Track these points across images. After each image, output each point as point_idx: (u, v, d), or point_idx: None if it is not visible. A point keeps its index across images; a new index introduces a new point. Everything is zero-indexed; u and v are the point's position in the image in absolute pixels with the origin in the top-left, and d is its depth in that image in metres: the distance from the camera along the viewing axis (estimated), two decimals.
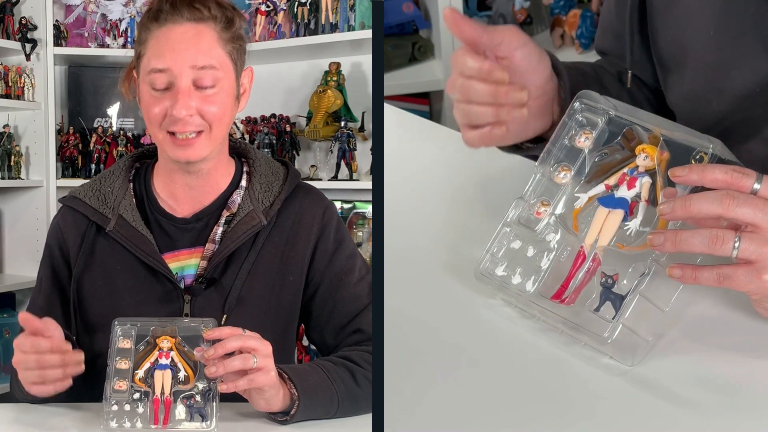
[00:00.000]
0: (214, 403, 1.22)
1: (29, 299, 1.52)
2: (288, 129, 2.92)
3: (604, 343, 1.13)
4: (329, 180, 2.84)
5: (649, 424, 1.06)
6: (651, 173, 1.16)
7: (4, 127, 3.07)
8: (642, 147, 1.17)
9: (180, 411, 1.22)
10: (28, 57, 3.05)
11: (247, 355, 1.21)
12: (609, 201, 1.18)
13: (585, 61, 1.56)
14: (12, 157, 3.04)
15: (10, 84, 3.00)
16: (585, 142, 1.22)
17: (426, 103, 3.41)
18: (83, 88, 3.19)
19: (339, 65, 2.87)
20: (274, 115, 2.97)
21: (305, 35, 2.86)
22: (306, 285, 1.44)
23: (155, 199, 1.45)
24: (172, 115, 1.34)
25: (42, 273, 1.47)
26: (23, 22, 3.02)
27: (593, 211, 1.19)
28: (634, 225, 1.16)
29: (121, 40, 3.12)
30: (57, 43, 3.09)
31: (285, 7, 2.91)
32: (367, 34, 2.74)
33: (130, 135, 3.14)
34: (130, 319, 1.26)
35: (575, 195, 1.21)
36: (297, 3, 2.87)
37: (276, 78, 2.97)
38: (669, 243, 1.09)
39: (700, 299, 1.21)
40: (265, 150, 2.86)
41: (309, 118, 2.89)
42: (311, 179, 2.85)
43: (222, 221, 1.42)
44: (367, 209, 2.83)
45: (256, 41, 2.89)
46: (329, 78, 2.86)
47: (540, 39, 3.38)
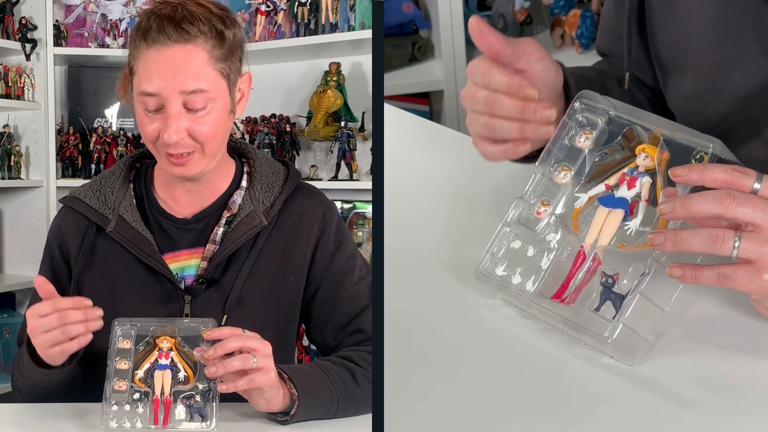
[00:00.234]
0: (214, 403, 1.22)
1: (29, 299, 1.51)
2: (288, 129, 2.92)
3: (604, 343, 1.13)
4: (329, 180, 2.84)
5: (649, 424, 1.06)
6: (651, 173, 1.16)
7: (4, 127, 3.07)
8: (642, 147, 1.18)
9: (180, 411, 1.22)
10: (28, 57, 3.05)
11: (247, 356, 1.21)
12: (609, 201, 1.18)
13: (589, 66, 1.56)
14: (12, 157, 3.04)
15: (10, 84, 3.00)
16: (585, 142, 1.22)
17: (426, 103, 3.41)
18: (83, 88, 3.19)
19: (339, 65, 2.87)
20: (274, 115, 2.97)
21: (305, 35, 2.86)
22: (306, 285, 1.44)
23: (155, 200, 1.45)
24: (163, 139, 1.34)
25: (42, 273, 1.47)
26: (23, 22, 3.02)
27: (593, 211, 1.19)
28: (634, 225, 1.16)
29: (121, 40, 3.12)
30: (57, 43, 3.09)
31: (285, 7, 2.91)
32: (367, 34, 2.74)
33: (130, 135, 3.15)
34: (129, 320, 1.26)
35: (575, 195, 1.21)
36: (297, 3, 2.87)
37: (276, 78, 2.97)
38: (669, 243, 1.09)
39: (700, 299, 1.21)
40: (265, 150, 2.86)
41: (309, 118, 2.89)
42: (311, 179, 2.85)
43: (222, 222, 1.42)
44: (367, 209, 2.83)
45: (256, 41, 2.89)
46: (329, 78, 2.86)
47: (540, 39, 3.37)
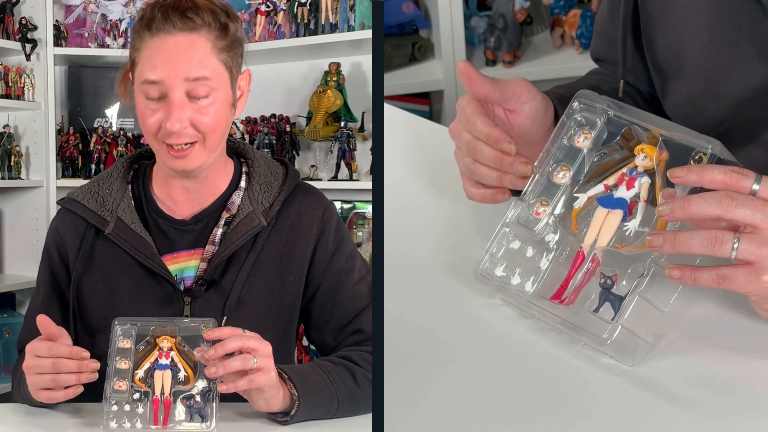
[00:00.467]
0: (214, 404, 1.22)
1: (29, 301, 1.52)
2: (288, 129, 2.92)
3: (603, 344, 1.13)
4: (329, 180, 2.84)
5: (649, 424, 1.06)
6: (650, 173, 1.17)
7: (4, 127, 3.07)
8: (641, 147, 1.18)
9: (180, 411, 1.22)
10: (28, 57, 3.05)
11: (247, 356, 1.21)
12: (608, 201, 1.18)
13: (582, 79, 1.56)
14: (12, 157, 3.04)
15: (10, 84, 3.00)
16: (584, 142, 1.22)
17: (426, 103, 3.41)
18: (83, 88, 3.19)
19: (339, 65, 2.87)
20: (274, 115, 2.98)
21: (305, 35, 2.86)
22: (306, 285, 1.44)
23: (154, 201, 1.44)
24: (165, 128, 1.34)
25: (41, 276, 1.47)
26: (23, 22, 3.02)
27: (592, 212, 1.19)
28: (633, 225, 1.16)
29: (121, 40, 3.12)
30: (57, 43, 3.09)
31: (285, 7, 2.91)
32: (367, 34, 2.74)
33: (130, 135, 3.15)
34: (129, 319, 1.26)
35: (574, 195, 1.21)
36: (297, 3, 2.87)
37: (276, 78, 2.97)
38: (668, 244, 1.09)
39: (699, 300, 1.21)
40: (265, 150, 2.86)
41: (309, 118, 2.89)
42: (311, 179, 2.85)
43: (221, 223, 1.42)
44: (367, 209, 2.83)
45: (256, 41, 2.89)
46: (329, 78, 2.86)
47: (540, 39, 3.38)
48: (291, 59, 2.99)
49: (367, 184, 2.77)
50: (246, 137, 2.96)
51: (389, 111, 1.73)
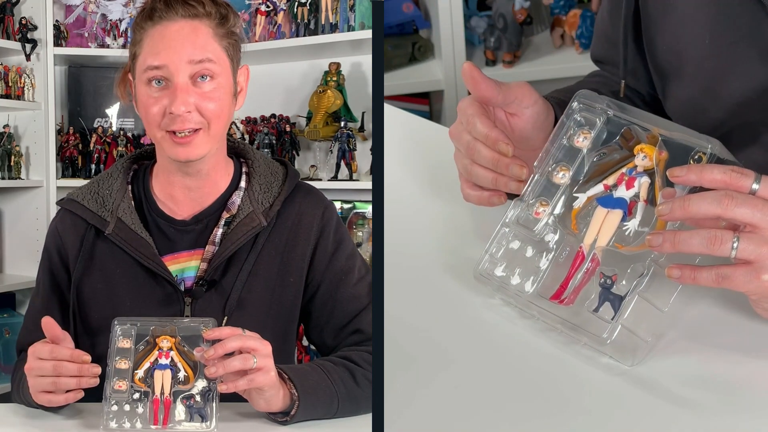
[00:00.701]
0: (213, 403, 1.22)
1: (28, 302, 1.51)
2: (288, 129, 2.92)
3: (603, 344, 1.13)
4: (329, 180, 2.84)
5: (649, 423, 1.06)
6: (649, 173, 1.17)
7: (4, 127, 3.07)
8: (640, 147, 1.18)
9: (180, 411, 1.22)
10: (28, 57, 3.05)
11: (247, 355, 1.21)
12: (608, 201, 1.18)
13: (581, 83, 1.56)
14: (12, 157, 3.04)
15: (10, 84, 3.00)
16: (583, 141, 1.22)
17: (426, 103, 3.41)
18: (83, 88, 3.19)
19: (339, 65, 2.87)
20: (274, 115, 2.97)
21: (305, 35, 2.86)
22: (306, 285, 1.44)
23: (154, 201, 1.44)
24: (170, 113, 1.34)
25: (40, 277, 1.47)
26: (23, 22, 3.02)
27: (592, 211, 1.19)
28: (632, 225, 1.16)
29: (121, 40, 3.12)
30: (57, 43, 3.09)
31: (285, 7, 2.91)
32: (367, 34, 2.73)
33: (130, 135, 3.14)
34: (129, 319, 1.26)
35: (574, 195, 1.21)
36: (297, 3, 2.87)
37: (276, 78, 2.97)
38: (668, 243, 1.09)
39: (699, 299, 1.21)
40: (265, 150, 2.86)
41: (309, 118, 2.89)
42: (311, 179, 2.84)
43: (222, 223, 1.42)
44: (367, 209, 2.82)
45: (256, 41, 2.89)
46: (329, 78, 2.86)
47: (540, 39, 3.38)
48: (291, 59, 2.98)
49: (367, 184, 2.77)
50: (246, 137, 2.96)
51: (389, 111, 1.73)
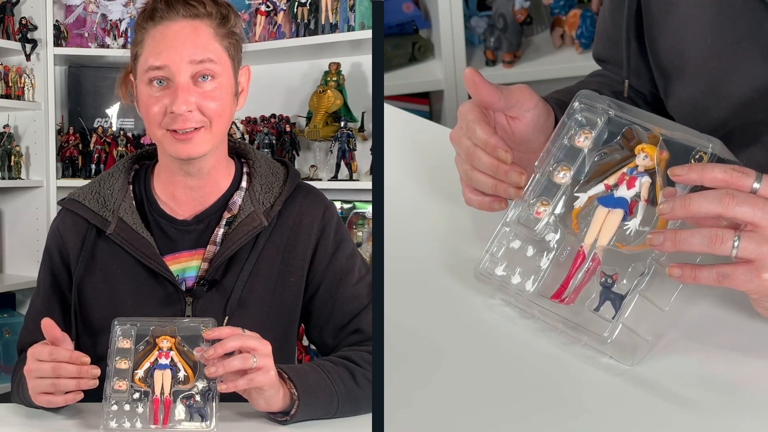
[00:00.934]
0: (213, 403, 1.22)
1: (29, 302, 1.51)
2: (288, 129, 2.92)
3: (603, 343, 1.13)
4: (329, 180, 2.84)
5: (649, 423, 1.06)
6: (650, 173, 1.17)
7: (4, 127, 3.07)
8: (641, 146, 1.18)
9: (180, 411, 1.22)
10: (28, 57, 3.05)
11: (247, 355, 1.21)
12: (608, 200, 1.18)
13: (582, 83, 1.56)
14: (12, 157, 3.04)
15: (10, 84, 3.00)
16: (584, 141, 1.22)
17: (426, 103, 3.41)
18: (83, 88, 3.19)
19: (339, 65, 2.87)
20: (274, 116, 2.97)
21: (305, 35, 2.86)
22: (306, 285, 1.44)
23: (155, 201, 1.44)
24: (171, 112, 1.34)
25: (41, 277, 1.47)
26: (23, 22, 3.02)
27: (593, 211, 1.19)
28: (633, 224, 1.16)
29: (121, 40, 3.12)
30: (57, 44, 3.09)
31: (285, 8, 2.91)
32: (367, 34, 2.73)
33: (130, 135, 3.14)
34: (129, 319, 1.26)
35: (575, 195, 1.21)
36: (297, 3, 2.87)
37: (276, 78, 2.97)
38: (668, 242, 1.09)
39: (699, 299, 1.21)
40: (265, 150, 2.86)
41: (309, 118, 2.89)
42: (311, 179, 2.84)
43: (223, 223, 1.42)
44: (367, 209, 2.82)
45: (256, 41, 2.89)
46: (329, 78, 2.86)
47: (540, 39, 3.38)
48: (291, 59, 2.99)
49: (367, 184, 2.77)
50: (246, 137, 2.96)
51: (389, 111, 1.73)
